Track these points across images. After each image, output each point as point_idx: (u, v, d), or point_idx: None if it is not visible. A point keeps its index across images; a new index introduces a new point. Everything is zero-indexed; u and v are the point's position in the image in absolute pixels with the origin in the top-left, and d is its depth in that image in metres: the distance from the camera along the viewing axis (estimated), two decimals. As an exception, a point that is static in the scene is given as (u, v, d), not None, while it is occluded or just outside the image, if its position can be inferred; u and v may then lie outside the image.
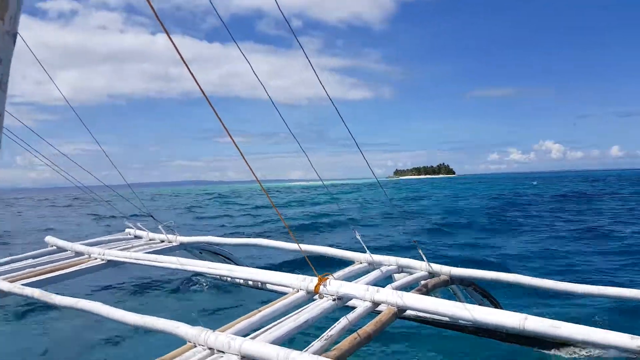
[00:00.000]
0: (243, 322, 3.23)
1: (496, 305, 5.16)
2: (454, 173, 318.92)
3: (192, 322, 3.12)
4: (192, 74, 2.27)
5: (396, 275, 4.67)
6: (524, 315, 2.91)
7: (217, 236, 6.10)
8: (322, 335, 3.00)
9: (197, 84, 1.89)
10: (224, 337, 2.83)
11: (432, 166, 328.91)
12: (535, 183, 63.04)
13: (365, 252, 4.74)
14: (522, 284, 3.94)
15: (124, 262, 5.50)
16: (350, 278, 4.27)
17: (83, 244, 6.09)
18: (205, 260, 6.79)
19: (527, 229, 14.91)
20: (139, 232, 6.94)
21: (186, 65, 2.18)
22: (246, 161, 2.23)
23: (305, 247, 5.17)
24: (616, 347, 2.62)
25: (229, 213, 25.50)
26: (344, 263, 4.86)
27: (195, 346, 2.92)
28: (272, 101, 3.10)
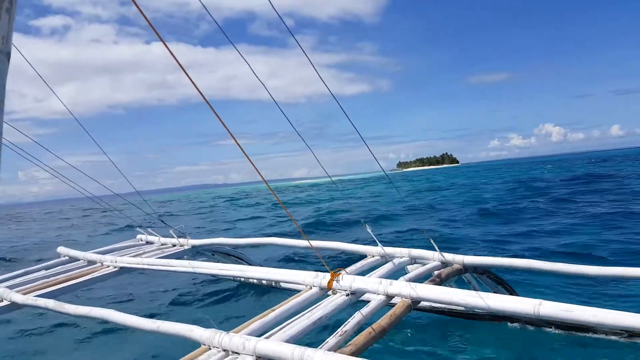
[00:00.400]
0: (257, 322, 3.24)
1: (511, 291, 5.12)
2: (458, 162, 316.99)
3: (207, 325, 3.15)
4: (190, 79, 2.27)
5: (409, 267, 4.65)
6: (538, 300, 2.89)
7: (228, 237, 6.11)
8: (337, 331, 3.00)
9: (197, 88, 1.89)
10: (238, 338, 2.84)
11: (435, 156, 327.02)
12: (550, 166, 62.40)
13: (377, 245, 4.73)
14: (535, 268, 3.91)
15: (136, 269, 5.55)
16: (363, 272, 4.27)
17: (95, 253, 6.15)
18: (217, 261, 6.86)
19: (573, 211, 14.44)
20: (150, 238, 6.98)
21: (184, 70, 2.18)
22: (252, 162, 2.23)
23: (316, 243, 5.17)
24: (628, 329, 2.59)
25: (257, 214, 25.17)
26: (357, 258, 4.86)
27: (210, 348, 2.93)
28: (275, 101, 3.09)
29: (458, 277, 4.78)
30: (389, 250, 4.71)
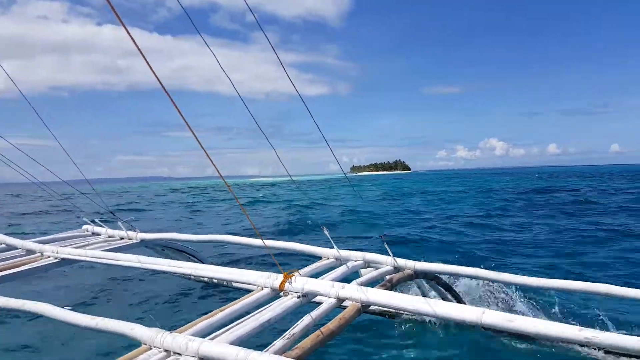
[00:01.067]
0: (203, 323, 3.15)
1: (458, 298, 5.27)
2: (409, 169, 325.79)
3: (150, 324, 3.03)
4: (149, 65, 2.17)
5: (363, 271, 4.67)
6: (482, 309, 2.97)
7: (180, 233, 5.92)
8: (285, 333, 2.96)
9: (155, 74, 1.80)
10: (182, 338, 2.74)
11: (388, 162, 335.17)
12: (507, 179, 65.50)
13: (332, 247, 4.73)
14: (480, 276, 4.03)
15: (79, 261, 5.28)
16: (317, 274, 4.25)
17: (35, 242, 5.82)
18: (169, 257, 6.65)
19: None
20: (97, 229, 6.68)
21: (142, 55, 2.08)
22: (209, 157, 2.15)
23: (271, 243, 5.10)
24: (565, 340, 2.71)
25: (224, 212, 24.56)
26: (314, 259, 4.84)
27: (151, 348, 2.81)
28: (240, 96, 3.02)
29: (410, 282, 4.87)
30: (344, 253, 4.72)
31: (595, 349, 3.80)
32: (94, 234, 6.70)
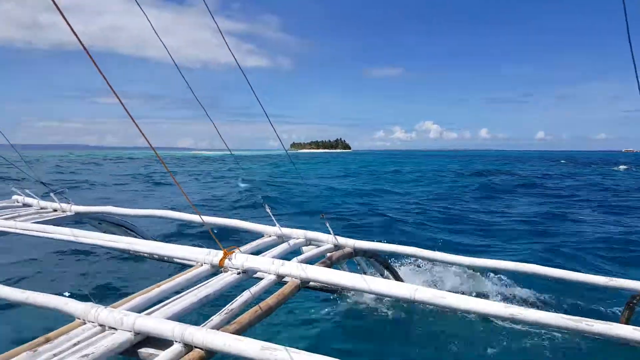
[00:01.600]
0: (139, 298, 3.11)
1: (395, 274, 5.52)
2: (350, 148, 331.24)
3: (84, 299, 2.95)
4: (67, 22, 2.06)
5: (304, 248, 4.77)
6: (414, 286, 3.14)
7: (117, 206, 5.73)
8: (223, 309, 2.99)
9: (75, 34, 1.72)
10: (117, 313, 2.71)
11: (330, 140, 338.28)
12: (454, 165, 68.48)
13: (274, 225, 4.77)
14: (418, 255, 4.23)
15: (8, 232, 4.99)
16: (258, 251, 4.28)
17: None
18: (104, 231, 6.43)
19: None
20: (28, 200, 6.33)
21: (60, 10, 1.97)
22: (139, 127, 2.08)
23: (211, 219, 5.07)
24: (492, 315, 2.93)
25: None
26: (255, 236, 4.86)
27: (85, 323, 2.76)
28: (175, 63, 2.93)
29: (350, 259, 5.02)
30: (286, 230, 4.78)
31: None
32: (24, 205, 6.34)
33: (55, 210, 6.01)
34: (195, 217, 5.11)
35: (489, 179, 30.32)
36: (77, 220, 6.09)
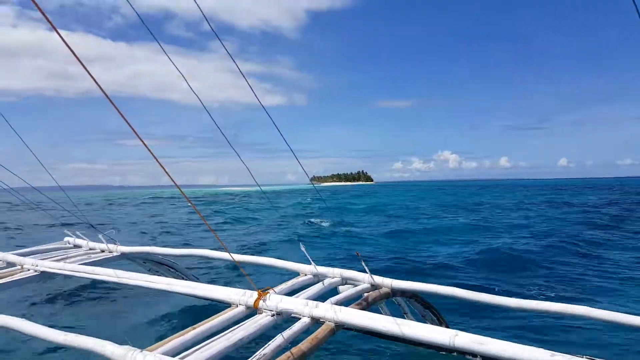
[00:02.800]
0: (175, 341, 3.13)
1: (438, 316, 5.27)
2: (372, 180, 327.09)
3: (122, 341, 3.00)
4: (86, 69, 2.18)
5: (340, 288, 4.68)
6: (454, 331, 2.98)
7: (159, 246, 5.90)
8: (256, 354, 2.95)
9: (93, 78, 1.82)
10: (152, 357, 2.73)
11: (351, 173, 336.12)
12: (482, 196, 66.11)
13: (309, 263, 4.73)
14: (458, 297, 4.03)
15: (58, 274, 5.23)
16: (293, 291, 4.24)
17: (15, 254, 5.76)
18: (149, 269, 6.61)
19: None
20: (78, 241, 6.63)
21: (79, 60, 2.08)
22: (161, 165, 2.15)
23: (244, 257, 5.11)
24: None
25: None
26: (291, 275, 4.83)
27: None
28: (202, 103, 3.03)
29: (389, 300, 4.86)
30: (322, 269, 4.72)
31: None
32: (75, 246, 6.65)
33: (102, 251, 6.25)
34: (230, 256, 5.16)
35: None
36: (124, 260, 6.30)
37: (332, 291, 4.46)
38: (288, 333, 3.24)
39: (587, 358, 2.67)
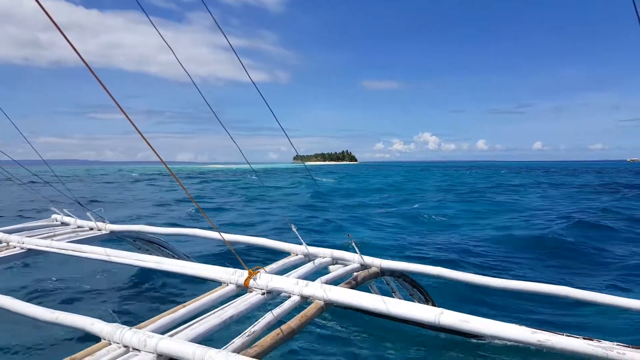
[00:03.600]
0: (165, 318, 3.15)
1: (425, 295, 5.37)
2: (356, 160, 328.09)
3: (112, 319, 3.01)
4: (69, 42, 2.13)
5: (331, 267, 4.73)
6: (440, 309, 3.04)
7: (149, 225, 5.88)
8: (245, 331, 2.98)
9: (77, 52, 1.78)
10: (141, 335, 2.74)
11: (336, 152, 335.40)
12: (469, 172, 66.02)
13: (301, 243, 4.76)
14: (444, 276, 4.11)
15: (45, 252, 5.20)
16: (284, 271, 4.28)
17: (1, 231, 5.71)
18: (139, 248, 6.60)
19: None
20: (66, 219, 6.59)
21: (60, 30, 2.03)
22: (148, 142, 2.13)
23: (235, 237, 5.12)
24: (518, 341, 2.80)
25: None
26: (282, 255, 4.85)
27: (110, 344, 2.81)
28: (193, 81, 3.00)
29: (378, 279, 4.93)
30: (312, 249, 4.76)
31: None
32: (62, 224, 6.61)
33: (91, 229, 6.22)
34: (222, 236, 5.18)
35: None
36: (113, 238, 6.28)
37: (323, 271, 4.51)
38: (278, 311, 3.27)
39: (566, 335, 2.75)
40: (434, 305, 5.17)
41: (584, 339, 2.72)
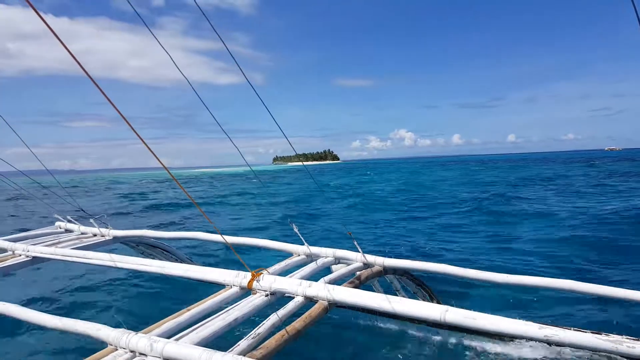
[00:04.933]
0: (169, 322, 3.16)
1: (429, 293, 5.36)
2: (338, 159, 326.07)
3: (118, 324, 3.02)
4: (69, 51, 2.13)
5: (334, 267, 4.72)
6: (445, 307, 3.03)
7: (152, 229, 5.89)
8: (250, 333, 2.99)
9: (77, 61, 1.78)
10: (147, 339, 2.75)
11: (318, 152, 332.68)
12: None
13: (302, 244, 4.76)
14: (448, 273, 4.09)
15: (50, 259, 5.21)
16: (286, 272, 4.28)
17: (6, 239, 5.72)
18: (142, 252, 6.61)
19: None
20: (69, 226, 6.59)
21: (59, 39, 2.04)
22: (148, 146, 2.13)
23: (236, 239, 5.12)
24: (525, 337, 2.79)
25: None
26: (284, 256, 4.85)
27: (117, 349, 2.82)
28: (191, 84, 2.99)
29: (381, 277, 4.92)
30: (315, 250, 4.75)
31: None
32: (66, 231, 6.61)
33: (95, 235, 6.23)
34: (225, 238, 5.18)
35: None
36: (117, 244, 6.28)
37: (326, 271, 4.50)
38: (282, 312, 3.28)
39: (574, 330, 2.74)
40: (439, 303, 5.16)
41: (593, 333, 2.70)
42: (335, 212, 18.98)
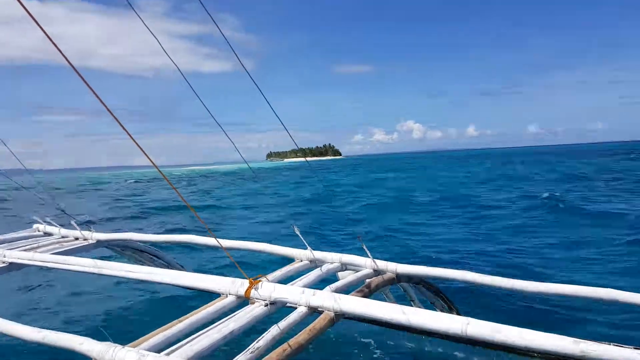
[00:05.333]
0: (160, 335, 3.14)
1: (449, 303, 5.32)
2: (340, 154, 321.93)
3: (102, 336, 3.01)
4: (51, 39, 2.11)
5: (340, 274, 4.69)
6: (466, 319, 2.99)
7: (139, 232, 5.88)
8: (249, 347, 2.96)
9: (61, 52, 1.75)
10: (135, 354, 2.73)
11: (318, 147, 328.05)
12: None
13: (305, 248, 4.73)
14: (469, 281, 4.05)
15: (28, 265, 5.22)
16: (288, 279, 4.25)
17: None
18: (128, 257, 6.61)
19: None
20: (48, 229, 6.60)
21: (38, 23, 2.02)
22: (138, 144, 2.11)
23: (232, 243, 5.10)
24: (558, 353, 2.74)
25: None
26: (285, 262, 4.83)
27: None
28: (181, 72, 2.97)
29: (394, 286, 4.88)
30: (319, 254, 4.73)
31: None
32: (45, 234, 6.63)
33: (77, 239, 6.23)
34: (220, 242, 5.16)
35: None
36: (100, 248, 6.28)
37: (331, 278, 4.48)
38: (284, 324, 3.25)
39: (614, 345, 2.69)
40: (458, 314, 5.12)
41: (635, 348, 2.65)
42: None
